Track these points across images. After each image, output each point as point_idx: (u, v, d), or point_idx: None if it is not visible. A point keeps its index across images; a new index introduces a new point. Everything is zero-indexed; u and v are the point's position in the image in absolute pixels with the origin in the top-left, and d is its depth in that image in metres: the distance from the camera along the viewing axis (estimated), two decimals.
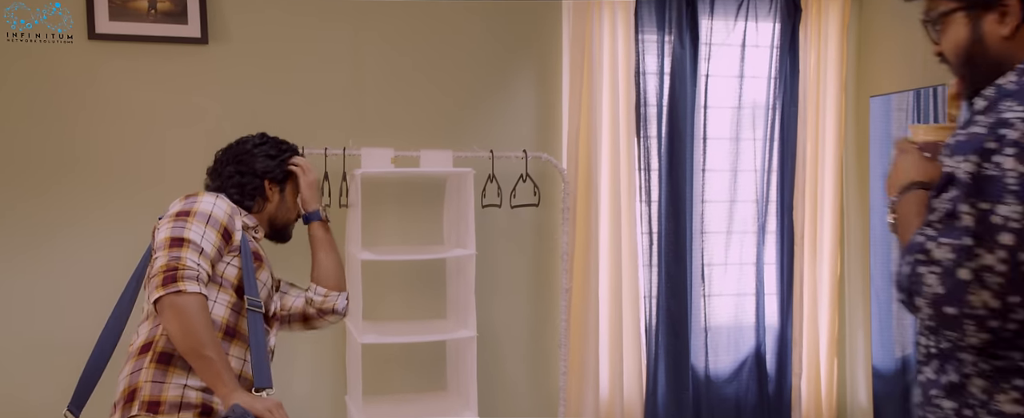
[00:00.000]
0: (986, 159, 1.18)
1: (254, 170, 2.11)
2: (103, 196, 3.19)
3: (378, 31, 3.44)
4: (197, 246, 1.79)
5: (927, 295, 1.21)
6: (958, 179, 1.20)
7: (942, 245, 1.19)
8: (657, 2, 3.62)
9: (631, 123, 3.59)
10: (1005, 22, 1.29)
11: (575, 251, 3.53)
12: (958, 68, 1.35)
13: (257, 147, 2.15)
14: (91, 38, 3.13)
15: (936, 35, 1.38)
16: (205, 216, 1.85)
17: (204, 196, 1.92)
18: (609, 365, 3.59)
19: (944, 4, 1.34)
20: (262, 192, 2.12)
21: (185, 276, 1.72)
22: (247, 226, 2.03)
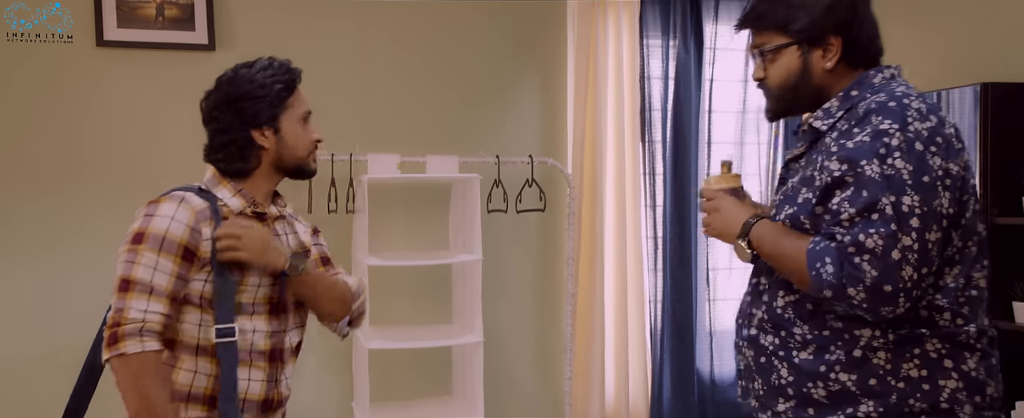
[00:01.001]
0: (883, 162, 1.41)
1: (236, 123, 1.74)
2: (111, 201, 3.20)
3: (384, 37, 3.45)
4: (145, 286, 1.59)
5: (865, 280, 1.40)
6: (866, 179, 1.41)
7: (871, 235, 1.39)
8: (662, 7, 3.64)
9: (636, 127, 3.60)
10: (828, 57, 1.55)
11: (580, 256, 3.54)
12: (782, 93, 1.59)
13: (233, 94, 1.74)
14: (99, 45, 3.15)
15: (764, 63, 1.60)
16: (158, 239, 1.62)
17: (163, 205, 1.67)
18: (614, 369, 3.59)
19: (780, 39, 1.56)
20: (252, 145, 1.75)
21: (126, 333, 1.56)
22: (232, 215, 1.73)
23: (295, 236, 1.85)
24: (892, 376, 1.47)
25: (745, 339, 1.64)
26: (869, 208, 1.40)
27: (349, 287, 1.88)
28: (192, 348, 1.67)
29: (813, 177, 1.51)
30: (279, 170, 1.79)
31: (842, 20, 1.54)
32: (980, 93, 2.96)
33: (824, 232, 1.46)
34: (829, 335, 1.51)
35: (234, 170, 1.76)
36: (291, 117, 1.77)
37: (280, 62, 1.78)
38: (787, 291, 1.55)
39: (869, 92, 1.52)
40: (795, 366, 1.53)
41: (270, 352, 1.74)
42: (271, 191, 1.82)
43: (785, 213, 1.53)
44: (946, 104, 3.10)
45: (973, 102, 2.97)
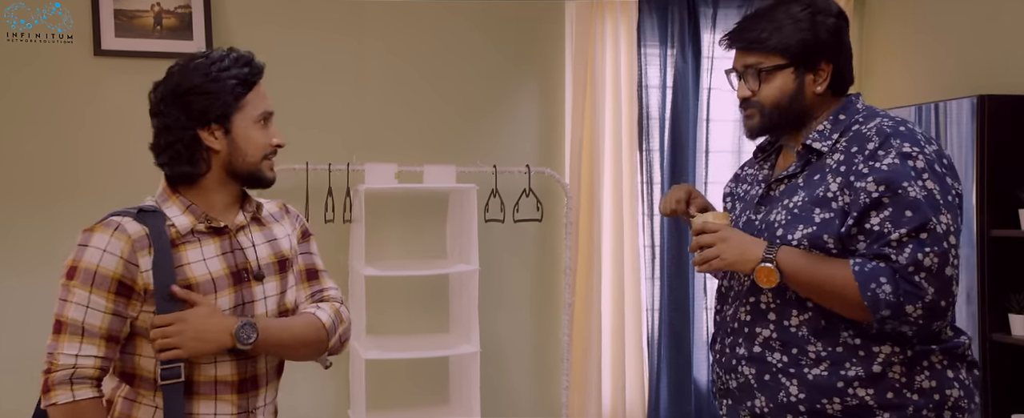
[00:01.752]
0: (919, 182, 1.49)
1: (182, 120, 1.54)
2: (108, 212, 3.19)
3: (381, 47, 3.45)
4: (77, 327, 1.47)
5: (925, 298, 1.46)
6: (909, 200, 1.48)
7: (928, 254, 1.46)
8: (659, 16, 3.64)
9: (633, 136, 3.61)
10: (818, 82, 1.63)
11: (578, 265, 3.54)
12: (773, 112, 1.63)
13: (182, 87, 1.54)
14: (97, 54, 3.15)
15: (756, 84, 1.63)
16: (90, 274, 1.47)
17: (95, 235, 1.51)
18: (611, 379, 3.59)
19: (778, 60, 1.61)
20: (199, 146, 1.55)
21: (56, 381, 1.46)
22: (181, 236, 1.54)
23: (268, 246, 1.63)
24: (908, 389, 1.54)
25: (743, 358, 1.64)
26: (920, 228, 1.46)
27: (321, 326, 1.63)
28: (151, 382, 1.53)
29: (826, 198, 1.54)
30: (232, 177, 1.59)
31: (834, 47, 1.62)
32: (977, 105, 2.96)
33: (867, 252, 1.50)
34: (843, 351, 1.55)
35: (181, 175, 1.57)
36: (246, 117, 1.55)
37: (239, 54, 1.57)
38: (800, 309, 1.58)
39: (857, 115, 1.62)
40: (807, 382, 1.56)
41: (239, 382, 1.57)
42: (232, 200, 1.62)
43: (801, 233, 1.55)
44: (944, 116, 3.10)
45: (970, 114, 2.97)
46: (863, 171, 1.51)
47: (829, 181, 1.56)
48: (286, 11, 3.35)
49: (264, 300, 1.60)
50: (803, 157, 1.63)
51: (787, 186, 1.64)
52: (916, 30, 3.60)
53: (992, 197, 2.94)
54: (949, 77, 3.42)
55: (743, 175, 1.83)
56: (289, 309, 1.66)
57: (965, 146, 2.99)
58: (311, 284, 1.70)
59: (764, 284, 1.55)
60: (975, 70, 3.31)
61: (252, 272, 1.58)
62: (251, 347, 1.53)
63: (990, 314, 2.94)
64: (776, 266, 1.53)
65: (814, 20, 1.60)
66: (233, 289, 1.56)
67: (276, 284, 1.62)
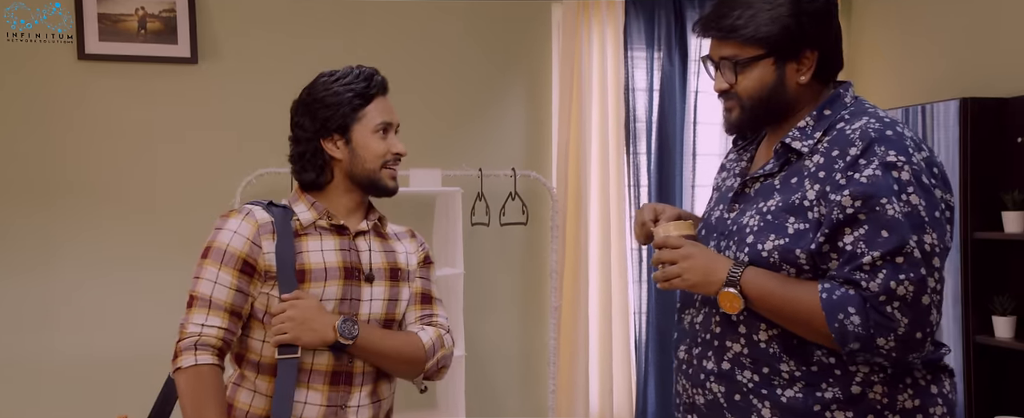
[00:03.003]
0: (899, 198, 1.34)
1: (310, 132, 1.68)
2: (96, 216, 3.19)
3: (367, 49, 3.45)
4: (205, 300, 1.60)
5: (897, 330, 1.33)
6: (887, 219, 1.33)
7: (901, 282, 1.32)
8: (646, 19, 3.64)
9: (620, 140, 3.61)
10: (802, 71, 1.47)
11: (565, 268, 3.54)
12: (754, 104, 1.49)
13: (308, 102, 1.70)
14: (81, 58, 3.15)
15: (733, 76, 1.49)
16: (220, 252, 1.62)
17: (230, 219, 1.65)
18: (599, 382, 3.59)
19: (756, 51, 1.46)
20: (322, 155, 1.69)
21: (182, 348, 1.58)
22: (304, 228, 1.66)
23: (384, 255, 1.72)
24: (889, 410, 1.41)
25: (712, 373, 1.50)
26: (895, 251, 1.32)
27: (421, 346, 1.68)
28: (254, 365, 1.65)
29: (802, 206, 1.41)
30: (355, 184, 1.70)
31: (819, 33, 1.46)
32: (960, 108, 2.97)
33: (837, 276, 1.37)
34: (818, 371, 1.42)
35: (307, 182, 1.70)
36: (364, 127, 1.68)
37: (361, 70, 1.72)
38: (769, 324, 1.45)
39: (843, 111, 1.46)
40: (780, 405, 1.43)
41: (332, 374, 1.64)
42: (356, 206, 1.72)
43: (772, 244, 1.42)
44: (931, 118, 3.10)
45: (956, 116, 2.98)
46: (840, 182, 1.37)
47: (806, 187, 1.42)
48: (271, 14, 3.35)
49: (370, 301, 1.69)
50: (781, 156, 1.48)
51: (763, 185, 1.50)
52: (903, 32, 3.60)
53: (975, 200, 2.94)
54: (935, 79, 3.42)
55: (726, 163, 1.70)
56: (396, 319, 1.73)
57: (951, 148, 3.00)
58: (423, 308, 1.76)
59: (727, 310, 1.44)
60: (960, 73, 3.32)
61: (363, 272, 1.68)
62: (351, 344, 1.61)
63: (974, 316, 2.94)
64: (740, 291, 1.41)
65: (796, 3, 1.44)
66: (343, 282, 1.66)
67: (384, 289, 1.70)
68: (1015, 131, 2.93)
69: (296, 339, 1.59)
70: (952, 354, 3.01)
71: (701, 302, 1.56)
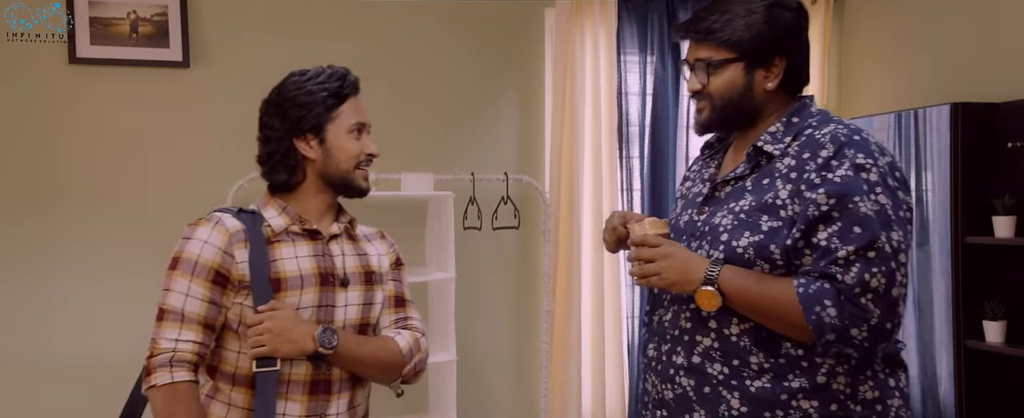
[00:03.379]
0: (870, 197, 1.43)
1: (281, 131, 1.66)
2: (89, 221, 3.18)
3: (359, 53, 3.45)
4: (176, 314, 1.56)
5: (870, 320, 1.41)
6: (859, 216, 1.42)
7: (875, 274, 1.40)
8: (639, 23, 3.65)
9: (613, 143, 3.61)
10: (770, 78, 1.56)
11: (557, 272, 3.53)
12: (724, 105, 1.57)
13: (280, 100, 1.68)
14: (72, 62, 3.14)
15: (705, 77, 1.57)
16: (191, 264, 1.57)
17: (199, 229, 1.61)
18: (591, 386, 3.59)
19: (728, 54, 1.55)
20: (295, 155, 1.66)
21: (156, 365, 1.54)
22: (276, 234, 1.63)
23: (357, 259, 1.70)
24: (851, 400, 1.48)
25: (682, 368, 1.56)
26: (868, 246, 1.41)
27: (399, 351, 1.67)
28: (229, 377, 1.61)
29: (775, 205, 1.48)
30: (327, 184, 1.68)
31: (789, 44, 1.56)
32: (951, 113, 2.97)
33: (812, 270, 1.44)
34: (786, 362, 1.49)
35: (279, 183, 1.68)
36: (338, 127, 1.66)
37: (335, 70, 1.70)
38: (741, 318, 1.51)
39: (810, 119, 1.56)
40: (750, 395, 1.49)
41: (310, 384, 1.62)
42: (327, 208, 1.70)
43: (747, 240, 1.49)
44: (923, 123, 3.11)
45: (948, 121, 2.98)
46: (815, 181, 1.45)
47: (779, 187, 1.49)
48: (263, 18, 3.35)
49: (345, 307, 1.66)
50: (752, 159, 1.56)
51: (734, 188, 1.58)
52: (895, 37, 3.61)
53: (966, 204, 2.94)
54: (927, 84, 3.43)
55: (690, 174, 1.77)
56: (371, 323, 1.71)
57: (943, 153, 3.00)
58: (397, 311, 1.75)
59: (705, 307, 1.49)
60: (952, 78, 3.32)
61: (338, 278, 1.65)
62: (331, 353, 1.59)
63: (965, 321, 2.95)
64: (718, 289, 1.47)
65: (770, 13, 1.54)
66: (319, 289, 1.63)
67: (359, 294, 1.68)
68: (1006, 136, 2.93)
69: (274, 351, 1.56)
70: (943, 359, 3.02)
71: (670, 301, 1.62)
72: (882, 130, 3.30)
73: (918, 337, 3.11)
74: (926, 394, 3.10)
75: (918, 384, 3.13)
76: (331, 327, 1.60)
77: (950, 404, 2.98)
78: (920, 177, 3.11)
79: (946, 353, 3.00)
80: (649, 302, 1.70)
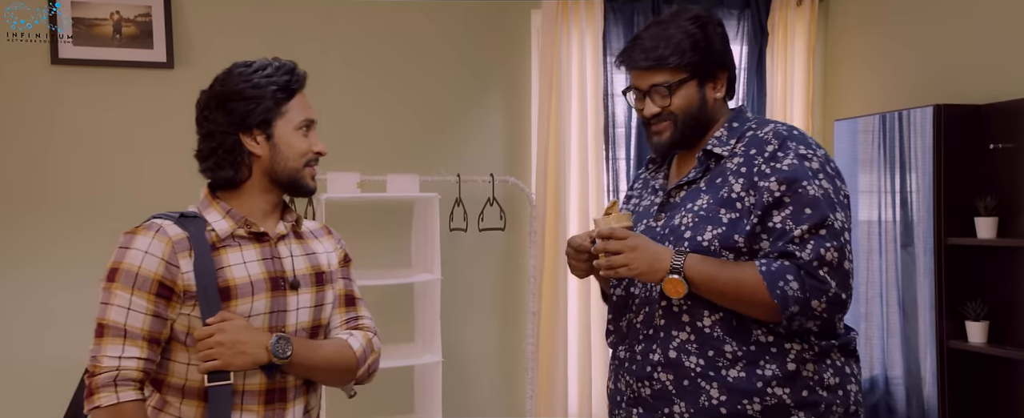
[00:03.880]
0: (813, 181, 1.57)
1: (225, 125, 1.57)
2: (70, 224, 3.16)
3: (344, 54, 3.44)
4: (118, 329, 1.48)
5: (828, 292, 1.53)
6: (809, 198, 1.55)
7: (829, 249, 1.53)
8: (625, 25, 3.65)
9: (600, 145, 3.61)
10: (717, 89, 1.71)
11: (543, 274, 3.53)
12: (687, 121, 1.68)
13: (224, 93, 1.57)
14: (54, 63, 3.12)
15: (665, 99, 1.67)
16: (131, 276, 1.49)
17: (138, 238, 1.52)
18: (578, 388, 3.59)
19: (680, 75, 1.67)
20: (241, 151, 1.58)
21: (100, 384, 1.46)
22: (221, 240, 1.56)
23: (306, 259, 1.64)
24: (818, 385, 1.59)
25: (659, 364, 1.63)
26: (819, 224, 1.53)
27: (353, 354, 1.63)
28: (178, 390, 1.54)
29: (731, 199, 1.60)
30: (274, 183, 1.60)
31: (727, 57, 1.71)
32: (934, 115, 2.99)
33: (772, 251, 1.56)
34: (756, 350, 1.58)
35: (223, 180, 1.59)
36: (287, 123, 1.59)
37: (282, 63, 1.62)
38: (711, 309, 1.60)
39: (749, 122, 1.69)
40: (727, 385, 1.58)
41: (266, 393, 1.56)
42: (272, 208, 1.63)
43: (711, 233, 1.59)
44: (906, 124, 3.13)
45: (931, 123, 3.00)
46: (766, 171, 1.58)
47: (732, 183, 1.61)
48: (247, 19, 3.34)
49: (297, 310, 1.60)
50: (703, 163, 1.67)
51: (688, 191, 1.67)
52: (879, 40, 3.63)
53: (949, 206, 2.96)
54: (910, 86, 3.45)
55: (632, 192, 1.85)
56: (322, 324, 1.66)
57: (926, 154, 3.02)
58: (348, 310, 1.70)
59: (672, 295, 1.57)
60: (935, 80, 3.34)
61: (288, 281, 1.59)
62: (285, 362, 1.53)
63: (947, 321, 2.96)
64: (683, 277, 1.56)
65: (706, 32, 1.66)
66: (270, 295, 1.56)
67: (310, 296, 1.63)
68: (988, 138, 2.95)
69: (227, 365, 1.49)
70: (927, 359, 3.04)
71: (639, 304, 1.70)
72: (867, 131, 3.32)
73: (902, 338, 3.13)
74: (910, 394, 3.12)
75: (903, 384, 3.14)
76: (285, 335, 1.54)
77: (933, 404, 3.00)
78: (904, 178, 3.13)
79: (930, 353, 3.02)
80: (612, 310, 1.77)
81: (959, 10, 3.25)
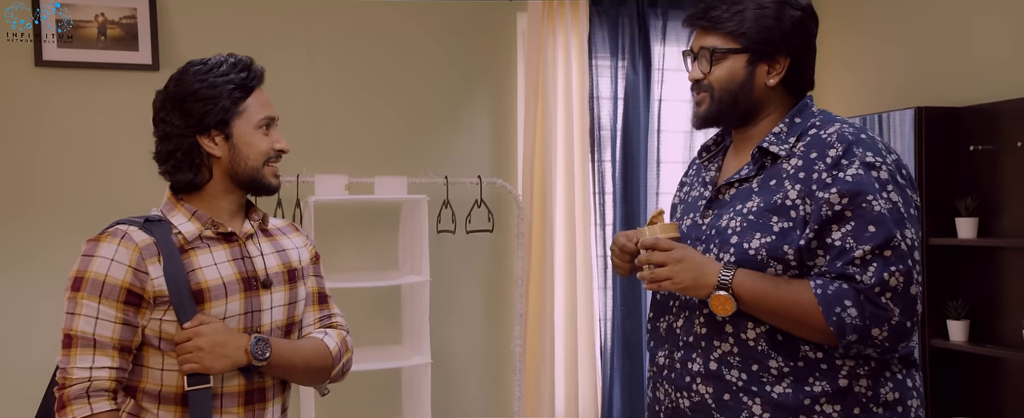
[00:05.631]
0: (882, 195, 1.42)
1: (182, 127, 1.53)
2: (52, 229, 3.13)
3: (331, 56, 3.44)
4: (88, 340, 1.44)
5: (891, 320, 1.39)
6: (874, 214, 1.40)
7: (893, 273, 1.38)
8: (610, 28, 3.68)
9: (585, 147, 3.64)
10: (772, 75, 1.54)
11: (530, 276, 3.55)
12: (723, 96, 1.55)
13: (180, 94, 1.53)
14: (38, 65, 3.09)
15: (708, 65, 1.55)
16: (98, 284, 1.45)
17: (103, 245, 1.49)
18: (564, 389, 3.61)
19: (733, 44, 1.53)
20: (199, 153, 1.54)
21: (72, 396, 1.43)
22: (189, 242, 1.52)
23: (276, 256, 1.61)
24: (873, 402, 1.45)
25: (699, 375, 1.52)
26: (884, 245, 1.39)
27: (328, 353, 1.62)
28: (154, 396, 1.51)
29: (785, 206, 1.46)
30: (235, 183, 1.57)
31: (796, 43, 1.54)
32: (915, 117, 3.03)
33: (829, 271, 1.42)
34: (804, 366, 1.45)
35: (183, 183, 1.55)
36: (246, 122, 1.54)
37: (238, 59, 1.57)
38: (756, 322, 1.47)
39: (813, 119, 1.54)
40: (771, 401, 1.46)
41: (245, 394, 1.54)
42: (237, 208, 1.60)
43: (759, 241, 1.46)
44: (887, 126, 3.17)
45: (912, 125, 3.04)
46: (826, 180, 1.43)
47: (787, 188, 1.47)
48: (234, 21, 3.33)
49: (271, 309, 1.58)
50: (757, 160, 1.53)
51: (739, 190, 1.54)
52: (860, 42, 3.67)
53: (930, 206, 3.01)
54: (892, 89, 3.50)
55: (686, 179, 1.74)
56: (296, 322, 1.64)
57: (907, 156, 3.06)
58: (321, 308, 1.68)
59: (719, 312, 1.45)
60: (916, 83, 3.39)
61: (260, 280, 1.56)
62: (265, 364, 1.51)
63: (929, 321, 3.01)
64: (732, 293, 1.44)
65: (780, 10, 1.52)
66: (243, 295, 1.54)
67: (284, 294, 1.60)
68: (968, 140, 3.00)
69: (207, 368, 1.46)
70: None
71: (680, 307, 1.58)
72: None
73: None
74: None
75: None
76: (263, 337, 1.52)
77: None
78: None
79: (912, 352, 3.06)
80: (653, 309, 1.65)
81: (939, 15, 3.30)
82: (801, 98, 1.57)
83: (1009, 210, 2.87)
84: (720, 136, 1.69)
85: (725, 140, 1.68)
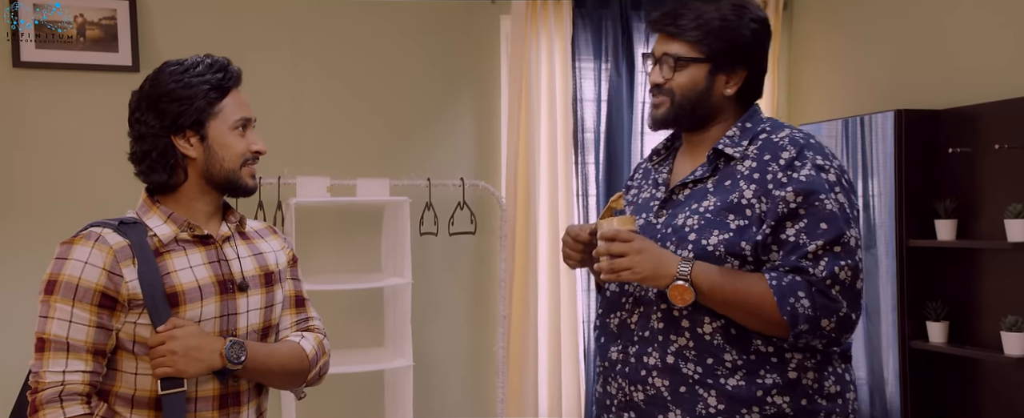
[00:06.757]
0: (832, 194, 1.51)
1: (156, 127, 1.51)
2: (31, 234, 3.10)
3: (313, 59, 3.43)
4: (61, 343, 1.43)
5: (839, 312, 1.48)
6: (825, 212, 1.49)
7: (843, 268, 1.48)
8: (594, 30, 3.69)
9: (569, 149, 3.64)
10: (730, 84, 1.61)
11: (514, 278, 3.55)
12: (682, 102, 1.61)
13: (154, 94, 1.52)
14: (16, 66, 3.06)
15: (670, 72, 1.61)
16: (71, 287, 1.44)
17: (76, 248, 1.48)
18: (548, 391, 3.61)
19: (694, 53, 1.59)
20: (174, 154, 1.53)
21: (45, 400, 1.42)
22: (164, 245, 1.51)
23: (253, 260, 1.60)
24: (818, 394, 1.54)
25: (655, 368, 1.56)
26: (834, 241, 1.48)
27: (305, 357, 1.61)
28: (128, 400, 1.49)
29: (741, 204, 1.52)
30: (211, 185, 1.55)
31: (754, 55, 1.62)
32: (895, 119, 3.06)
33: (783, 264, 1.49)
34: (756, 359, 1.53)
35: (158, 184, 1.54)
36: (222, 123, 1.53)
37: (214, 60, 1.55)
38: (713, 316, 1.53)
39: (763, 124, 1.62)
40: (726, 393, 1.52)
41: (220, 398, 1.53)
42: (214, 210, 1.59)
43: (718, 238, 1.52)
44: (868, 129, 3.19)
45: (892, 128, 3.06)
46: (782, 180, 1.51)
47: (743, 188, 1.54)
48: (215, 23, 3.31)
49: (247, 313, 1.57)
50: (712, 161, 1.59)
51: (694, 190, 1.60)
52: (843, 45, 3.70)
53: (910, 209, 3.03)
54: (872, 92, 3.52)
55: (633, 182, 1.79)
56: (273, 325, 1.63)
57: (887, 159, 3.09)
58: (298, 312, 1.68)
59: (678, 302, 1.50)
60: (896, 85, 3.42)
61: (236, 284, 1.55)
62: (240, 368, 1.50)
63: (909, 322, 3.03)
64: (691, 283, 1.49)
65: (742, 23, 1.58)
66: (219, 299, 1.53)
67: (260, 297, 1.59)
68: (948, 142, 3.02)
69: (181, 372, 1.45)
70: (890, 359, 3.10)
71: (633, 303, 1.62)
72: (830, 136, 3.38)
73: (866, 338, 3.19)
74: (874, 394, 3.18)
75: (866, 384, 3.20)
76: (239, 340, 1.51)
77: (896, 403, 3.06)
78: (866, 182, 3.20)
79: (892, 354, 3.08)
80: (602, 305, 1.69)
81: (919, 18, 3.33)
82: (751, 105, 1.65)
83: (987, 212, 2.90)
84: (670, 140, 1.75)
85: (675, 143, 1.73)
